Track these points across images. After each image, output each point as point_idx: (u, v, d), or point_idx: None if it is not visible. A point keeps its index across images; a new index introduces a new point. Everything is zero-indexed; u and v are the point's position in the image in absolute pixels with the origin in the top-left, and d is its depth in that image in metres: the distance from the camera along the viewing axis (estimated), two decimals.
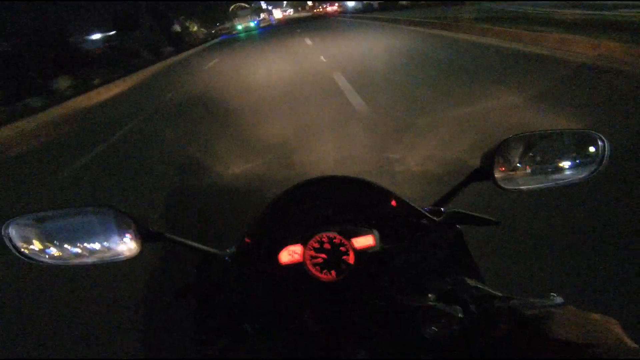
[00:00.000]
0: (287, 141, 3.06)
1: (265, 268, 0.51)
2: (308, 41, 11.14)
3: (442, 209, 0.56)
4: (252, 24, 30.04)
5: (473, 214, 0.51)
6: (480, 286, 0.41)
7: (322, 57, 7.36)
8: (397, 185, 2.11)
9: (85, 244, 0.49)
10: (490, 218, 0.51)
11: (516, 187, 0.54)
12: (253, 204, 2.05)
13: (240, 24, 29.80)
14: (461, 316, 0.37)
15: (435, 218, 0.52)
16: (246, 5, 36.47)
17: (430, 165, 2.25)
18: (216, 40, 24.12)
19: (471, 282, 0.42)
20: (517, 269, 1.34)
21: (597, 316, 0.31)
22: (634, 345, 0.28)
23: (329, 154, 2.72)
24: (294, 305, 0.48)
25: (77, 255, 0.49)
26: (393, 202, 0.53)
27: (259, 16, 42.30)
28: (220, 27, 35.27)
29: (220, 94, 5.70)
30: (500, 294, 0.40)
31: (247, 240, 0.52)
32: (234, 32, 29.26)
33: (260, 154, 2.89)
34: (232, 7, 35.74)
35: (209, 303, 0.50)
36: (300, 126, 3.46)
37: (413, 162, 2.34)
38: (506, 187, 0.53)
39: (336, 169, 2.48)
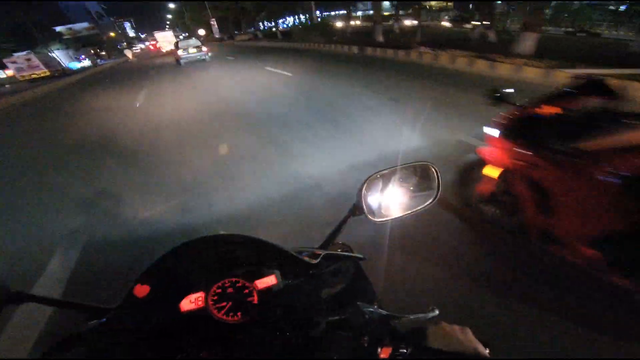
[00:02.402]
0: None
1: (164, 317, 0.49)
2: None
3: (323, 251, 0.59)
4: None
5: (342, 254, 0.59)
6: (374, 309, 0.47)
7: None
8: None
9: None
10: (357, 255, 0.59)
11: (383, 219, 0.64)
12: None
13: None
14: (350, 340, 0.43)
15: (314, 261, 0.56)
16: None
17: None
18: None
19: (365, 307, 0.47)
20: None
21: (455, 327, 0.42)
22: (484, 350, 0.40)
23: None
24: (197, 351, 0.47)
25: None
26: (289, 253, 0.56)
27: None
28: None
29: None
30: (391, 314, 0.46)
31: (137, 291, 0.49)
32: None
33: None
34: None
35: (101, 357, 0.48)
36: None
37: None
38: (375, 219, 0.63)
39: None
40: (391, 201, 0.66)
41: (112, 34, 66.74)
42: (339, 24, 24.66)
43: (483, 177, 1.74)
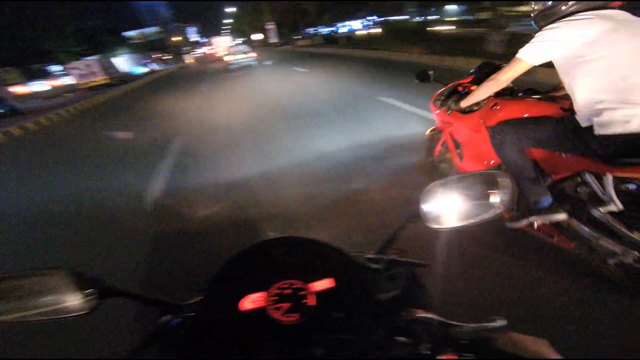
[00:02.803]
0: None
1: (226, 316, 0.50)
2: None
3: (382, 256, 0.60)
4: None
5: (405, 259, 0.59)
6: (432, 317, 0.46)
7: None
8: None
9: (37, 303, 0.49)
10: (420, 262, 0.60)
11: (443, 226, 0.61)
12: None
13: None
14: (410, 346, 0.41)
15: (374, 266, 0.58)
16: None
17: None
18: None
19: (423, 313, 0.47)
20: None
21: (529, 338, 0.38)
22: None
23: None
24: (257, 350, 0.45)
25: (29, 313, 0.49)
26: (347, 256, 0.57)
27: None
28: None
29: None
30: (450, 322, 0.44)
31: (206, 293, 0.53)
32: None
33: None
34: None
35: (171, 354, 0.50)
36: None
37: None
38: (435, 226, 0.61)
39: None
40: (454, 209, 0.61)
41: (176, 39, 69.39)
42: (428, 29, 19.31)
43: (431, 138, 2.50)
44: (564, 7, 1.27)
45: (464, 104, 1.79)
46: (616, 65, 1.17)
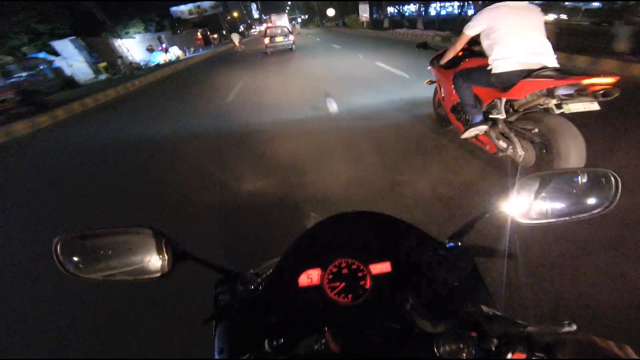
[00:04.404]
0: None
1: (285, 290, 0.51)
2: None
3: (458, 242, 0.57)
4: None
5: (484, 246, 0.62)
6: (495, 312, 0.43)
7: None
8: None
9: (122, 261, 0.51)
10: (499, 251, 0.63)
11: (531, 222, 0.56)
12: None
13: None
14: (478, 341, 0.38)
15: (449, 250, 0.55)
16: None
17: None
18: None
19: (487, 309, 0.44)
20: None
21: (611, 343, 0.33)
22: None
23: None
24: (313, 325, 0.46)
25: (114, 272, 0.50)
26: (414, 234, 0.56)
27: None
28: None
29: None
30: (515, 321, 0.40)
31: (274, 267, 0.54)
32: None
33: None
34: None
35: (230, 321, 0.51)
36: None
37: None
38: (522, 220, 0.56)
39: None
40: (545, 205, 0.56)
41: (235, 14, 56.90)
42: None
43: (435, 91, 3.58)
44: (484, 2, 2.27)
45: (442, 62, 2.84)
46: (507, 33, 2.14)
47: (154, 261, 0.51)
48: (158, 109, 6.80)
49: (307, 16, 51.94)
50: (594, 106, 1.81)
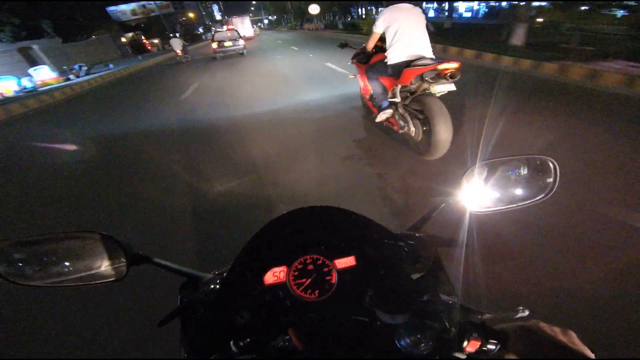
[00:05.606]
0: None
1: (250, 289, 0.51)
2: None
3: (416, 234, 0.58)
4: None
5: (443, 237, 0.57)
6: (455, 301, 0.45)
7: None
8: None
9: (70, 268, 0.49)
10: (448, 245, 0.57)
11: (483, 210, 0.59)
12: None
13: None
14: (436, 330, 0.39)
15: (410, 242, 0.55)
16: None
17: None
18: None
19: (446, 298, 0.46)
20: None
21: (556, 329, 0.37)
22: (591, 355, 0.34)
23: None
24: (279, 324, 0.46)
25: (62, 278, 0.48)
26: (372, 228, 0.56)
27: None
28: None
29: None
30: (473, 308, 0.44)
31: (232, 266, 0.52)
32: None
33: None
34: None
35: (193, 323, 0.50)
36: None
37: None
38: (475, 209, 0.59)
39: None
40: (495, 193, 0.60)
41: (191, 15, 49.86)
42: None
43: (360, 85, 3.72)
44: (386, 3, 2.78)
45: (359, 58, 3.36)
46: (397, 30, 2.65)
47: (106, 266, 0.49)
48: None
49: (275, 17, 47.14)
50: (451, 87, 2.37)
